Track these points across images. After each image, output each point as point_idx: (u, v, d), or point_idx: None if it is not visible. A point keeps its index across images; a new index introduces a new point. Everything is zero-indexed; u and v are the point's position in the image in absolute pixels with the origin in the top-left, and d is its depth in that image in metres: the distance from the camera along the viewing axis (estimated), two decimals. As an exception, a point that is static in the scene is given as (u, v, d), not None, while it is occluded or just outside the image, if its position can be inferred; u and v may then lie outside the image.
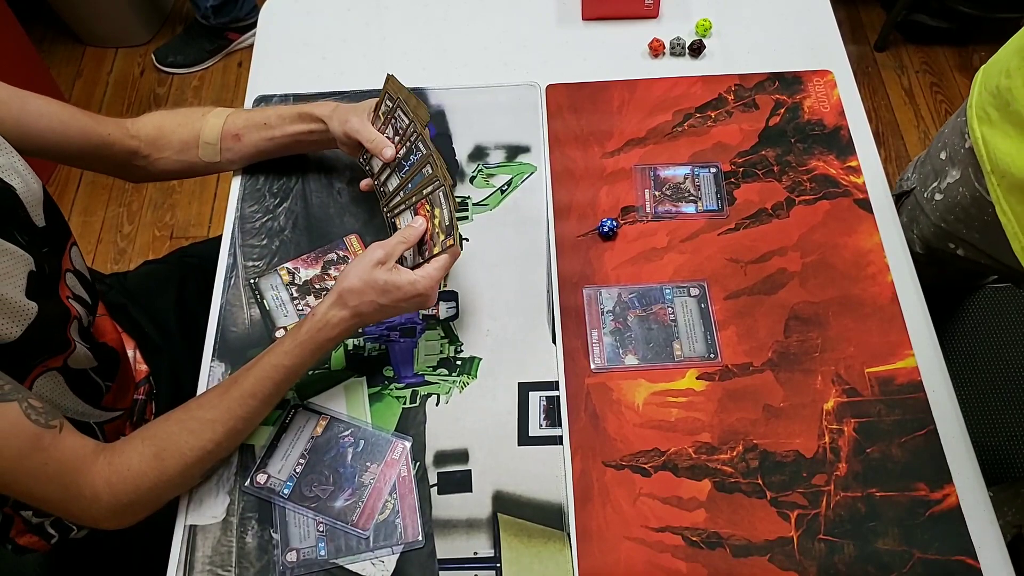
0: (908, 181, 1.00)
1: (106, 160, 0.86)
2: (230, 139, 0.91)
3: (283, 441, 0.81)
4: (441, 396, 0.84)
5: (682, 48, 1.07)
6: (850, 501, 0.76)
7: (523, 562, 0.75)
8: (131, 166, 0.89)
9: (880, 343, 0.84)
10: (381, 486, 0.78)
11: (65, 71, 2.16)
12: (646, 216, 0.94)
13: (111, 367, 0.84)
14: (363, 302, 0.75)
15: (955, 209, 0.90)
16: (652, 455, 0.79)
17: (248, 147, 0.92)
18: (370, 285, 0.75)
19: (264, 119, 0.91)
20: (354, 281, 0.75)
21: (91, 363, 0.78)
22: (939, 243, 0.96)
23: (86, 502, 0.68)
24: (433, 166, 0.80)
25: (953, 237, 0.93)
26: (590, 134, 1.00)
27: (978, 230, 0.89)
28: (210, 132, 0.90)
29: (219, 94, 2.11)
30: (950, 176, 0.90)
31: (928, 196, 0.95)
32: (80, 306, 0.79)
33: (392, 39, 1.12)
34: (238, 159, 0.94)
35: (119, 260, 1.84)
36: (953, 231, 0.92)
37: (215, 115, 0.91)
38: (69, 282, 0.78)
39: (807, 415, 0.81)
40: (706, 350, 0.85)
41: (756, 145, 0.98)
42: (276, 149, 0.94)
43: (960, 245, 0.94)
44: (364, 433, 0.81)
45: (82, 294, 0.80)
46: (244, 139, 0.91)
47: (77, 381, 0.77)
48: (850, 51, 1.07)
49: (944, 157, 0.91)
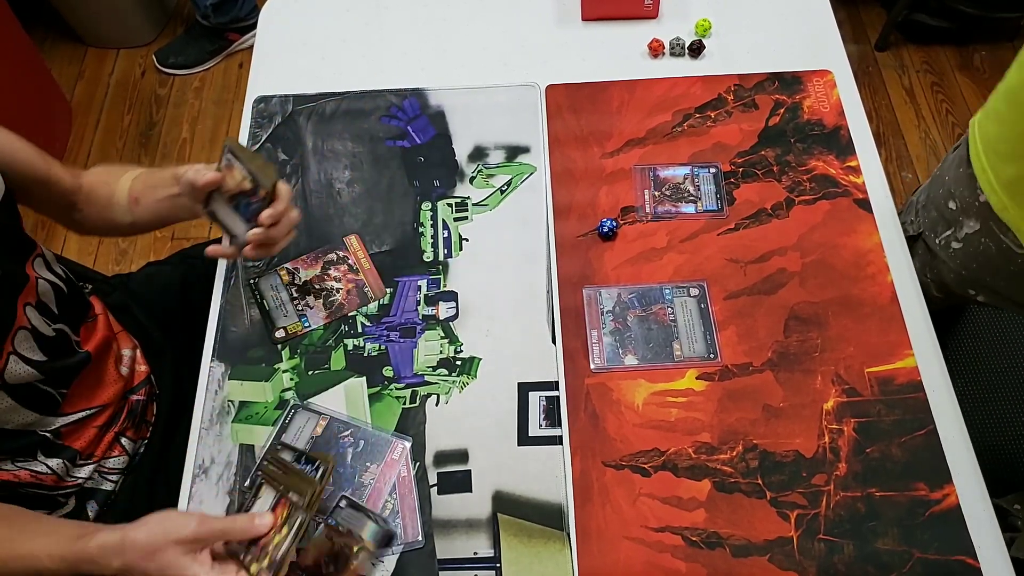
0: (913, 225, 0.98)
1: (50, 201, 0.85)
2: (133, 202, 0.87)
3: (282, 440, 0.81)
4: (441, 396, 0.84)
5: (682, 48, 1.07)
6: (850, 501, 0.76)
7: (523, 562, 0.75)
8: (73, 212, 0.88)
9: (880, 343, 0.84)
10: (381, 486, 0.78)
11: (66, 72, 2.16)
12: (646, 216, 0.94)
13: (64, 375, 0.81)
14: (135, 566, 0.66)
15: (978, 258, 0.89)
16: (652, 455, 0.79)
17: (146, 211, 0.87)
18: (151, 555, 0.65)
19: (154, 181, 0.86)
20: (140, 536, 0.66)
21: (34, 376, 0.76)
22: (960, 289, 0.95)
23: None
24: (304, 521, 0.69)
25: (975, 284, 0.92)
26: (590, 134, 1.00)
27: (1004, 278, 0.88)
28: (121, 192, 0.87)
29: (220, 95, 2.11)
30: (967, 227, 0.88)
31: (943, 243, 0.93)
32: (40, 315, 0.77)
33: (392, 39, 1.12)
34: (144, 222, 0.88)
35: (120, 261, 1.84)
36: (976, 279, 0.92)
37: (129, 175, 0.88)
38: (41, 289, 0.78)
39: (807, 415, 0.81)
40: (706, 350, 0.85)
41: (756, 145, 0.98)
42: (168, 212, 0.87)
43: (981, 292, 0.93)
44: (364, 433, 0.81)
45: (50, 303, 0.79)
46: (141, 202, 0.87)
47: (25, 395, 0.76)
48: (850, 51, 1.07)
49: (954, 207, 0.90)
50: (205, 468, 0.81)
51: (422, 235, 0.94)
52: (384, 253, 0.93)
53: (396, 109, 1.04)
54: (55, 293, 0.81)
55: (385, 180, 0.99)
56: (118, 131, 2.06)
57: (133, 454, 0.88)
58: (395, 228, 0.95)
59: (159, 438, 0.91)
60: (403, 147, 1.01)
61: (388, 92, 1.06)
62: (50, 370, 0.78)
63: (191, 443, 0.82)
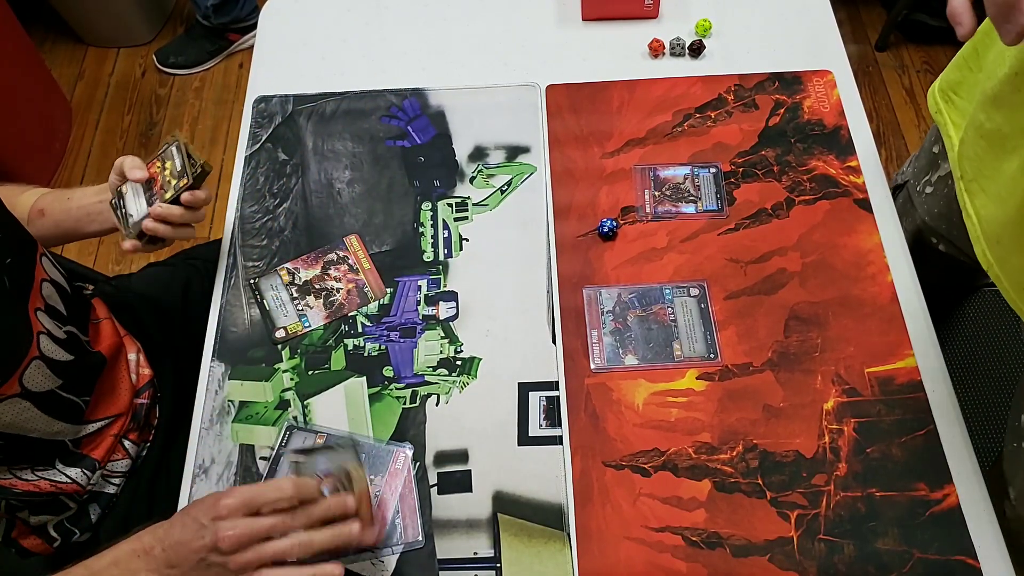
0: (903, 175, 1.00)
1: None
2: (36, 214, 0.86)
3: (282, 464, 0.80)
4: (441, 396, 0.84)
5: (682, 48, 1.07)
6: (850, 501, 0.76)
7: (523, 562, 0.75)
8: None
9: (880, 343, 0.84)
10: (387, 498, 0.78)
11: (66, 72, 2.16)
12: (646, 216, 0.94)
13: (84, 380, 0.81)
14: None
15: (940, 202, 0.90)
16: (652, 455, 0.79)
17: (49, 223, 0.87)
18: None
19: (68, 194, 0.87)
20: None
21: (54, 382, 0.76)
22: (924, 237, 0.96)
23: None
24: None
25: (936, 232, 0.93)
26: (590, 134, 1.00)
27: (957, 226, 0.89)
28: (22, 207, 0.86)
29: (220, 95, 2.11)
30: (941, 169, 0.90)
31: (920, 189, 0.95)
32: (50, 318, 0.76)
33: (392, 39, 1.12)
34: (44, 237, 0.87)
35: (120, 261, 1.84)
36: (936, 225, 0.93)
37: (33, 192, 0.88)
38: (45, 292, 0.77)
39: (807, 415, 0.81)
40: (706, 350, 0.85)
41: (756, 145, 0.98)
42: (76, 224, 0.87)
43: (941, 241, 0.94)
44: (364, 447, 0.81)
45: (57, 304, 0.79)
46: (47, 213, 0.86)
47: (49, 404, 0.75)
48: (850, 51, 1.07)
49: (937, 151, 0.91)
50: (205, 468, 0.81)
51: (422, 235, 0.94)
52: (384, 253, 0.93)
53: (396, 109, 1.04)
54: (60, 294, 0.81)
55: (385, 180, 0.99)
56: (118, 131, 2.07)
57: (136, 457, 0.88)
58: (395, 228, 0.95)
59: (161, 440, 0.91)
60: (403, 147, 1.01)
61: (388, 92, 1.06)
62: (75, 372, 0.77)
63: (191, 443, 0.82)
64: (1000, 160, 0.71)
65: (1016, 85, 0.65)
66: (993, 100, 0.69)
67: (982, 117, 0.72)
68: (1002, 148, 0.70)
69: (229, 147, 2.01)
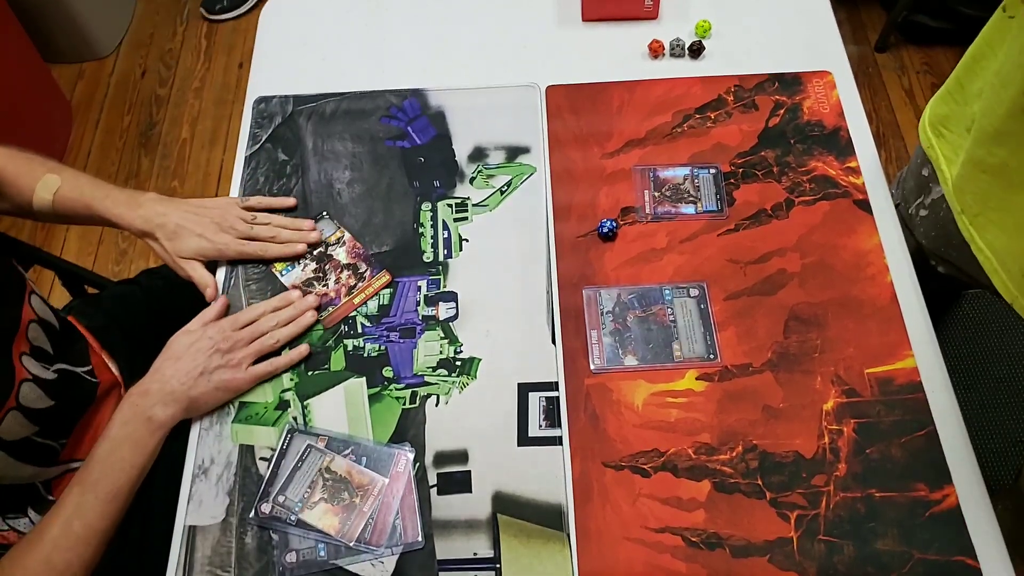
0: (893, 197, 0.99)
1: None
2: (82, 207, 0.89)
3: (282, 467, 0.80)
4: (441, 397, 0.84)
5: (682, 49, 1.07)
6: (850, 502, 0.76)
7: (523, 563, 0.75)
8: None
9: (879, 344, 0.84)
10: (390, 500, 0.78)
11: (66, 72, 2.16)
12: (646, 217, 0.94)
13: (64, 424, 0.80)
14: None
15: (937, 225, 0.90)
16: (652, 456, 0.79)
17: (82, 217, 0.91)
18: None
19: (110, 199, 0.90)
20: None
21: (30, 430, 0.74)
22: (923, 259, 0.95)
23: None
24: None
25: (935, 254, 0.93)
26: (590, 135, 1.01)
27: (956, 248, 0.88)
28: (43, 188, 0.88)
29: (220, 95, 2.12)
30: (935, 193, 0.89)
31: (914, 212, 0.94)
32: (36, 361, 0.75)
33: (392, 39, 1.12)
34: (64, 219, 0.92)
35: (120, 261, 1.84)
36: (935, 248, 0.92)
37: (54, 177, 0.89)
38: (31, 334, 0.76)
39: (807, 416, 0.81)
40: (705, 351, 0.85)
41: (755, 146, 0.98)
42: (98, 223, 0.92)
43: (941, 263, 0.94)
44: (365, 449, 0.81)
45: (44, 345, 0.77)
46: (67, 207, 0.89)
47: (22, 450, 0.74)
48: (850, 52, 1.07)
49: (927, 174, 0.91)
50: (205, 468, 0.81)
51: (422, 235, 0.94)
52: (384, 253, 0.93)
53: (396, 109, 1.04)
54: (47, 333, 0.78)
55: (385, 180, 0.99)
56: (118, 131, 2.07)
57: None
58: (395, 228, 0.95)
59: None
60: (403, 147, 1.01)
61: (388, 92, 1.06)
62: (55, 417, 0.75)
63: (191, 443, 0.82)
64: (1009, 193, 0.72)
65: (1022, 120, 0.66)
66: (995, 136, 0.71)
67: (982, 153, 0.73)
68: (1009, 182, 0.72)
69: (229, 147, 2.01)
